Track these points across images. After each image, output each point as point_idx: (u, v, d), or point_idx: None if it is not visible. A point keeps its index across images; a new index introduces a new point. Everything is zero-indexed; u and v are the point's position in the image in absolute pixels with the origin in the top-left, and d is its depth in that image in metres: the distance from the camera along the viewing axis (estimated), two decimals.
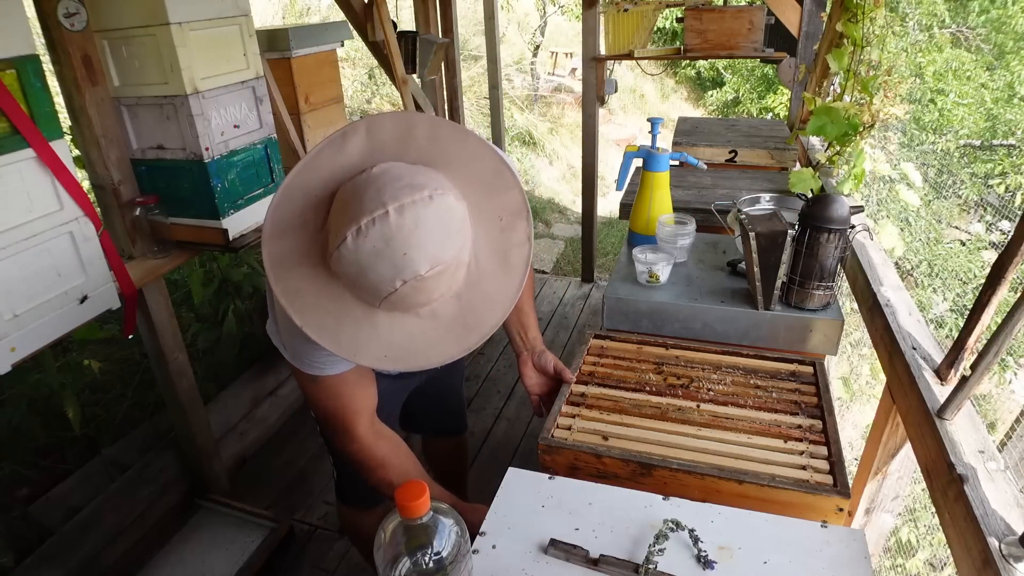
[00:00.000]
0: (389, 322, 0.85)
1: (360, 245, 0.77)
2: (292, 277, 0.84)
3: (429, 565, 0.71)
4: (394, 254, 0.77)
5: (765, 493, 1.02)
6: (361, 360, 0.86)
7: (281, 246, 0.84)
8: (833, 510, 1.00)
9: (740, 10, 3.10)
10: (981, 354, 1.02)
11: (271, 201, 0.86)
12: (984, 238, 6.17)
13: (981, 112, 7.95)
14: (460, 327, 0.87)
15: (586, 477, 1.10)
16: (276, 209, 0.85)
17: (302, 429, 2.74)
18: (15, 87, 1.30)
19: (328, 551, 2.15)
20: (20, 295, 1.37)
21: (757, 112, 11.04)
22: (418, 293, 0.81)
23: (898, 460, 1.40)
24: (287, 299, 0.83)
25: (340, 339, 0.84)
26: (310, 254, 0.84)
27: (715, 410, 1.21)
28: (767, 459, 1.09)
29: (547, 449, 1.13)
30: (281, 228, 0.85)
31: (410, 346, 0.86)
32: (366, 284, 0.80)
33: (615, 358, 1.38)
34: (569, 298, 3.88)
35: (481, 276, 0.87)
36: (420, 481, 0.71)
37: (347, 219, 0.78)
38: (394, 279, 0.78)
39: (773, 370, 1.33)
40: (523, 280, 0.89)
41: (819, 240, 1.45)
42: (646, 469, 1.08)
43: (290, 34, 1.97)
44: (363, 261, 0.78)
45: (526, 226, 0.90)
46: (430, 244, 0.78)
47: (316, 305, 0.84)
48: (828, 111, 1.94)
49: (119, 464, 2.09)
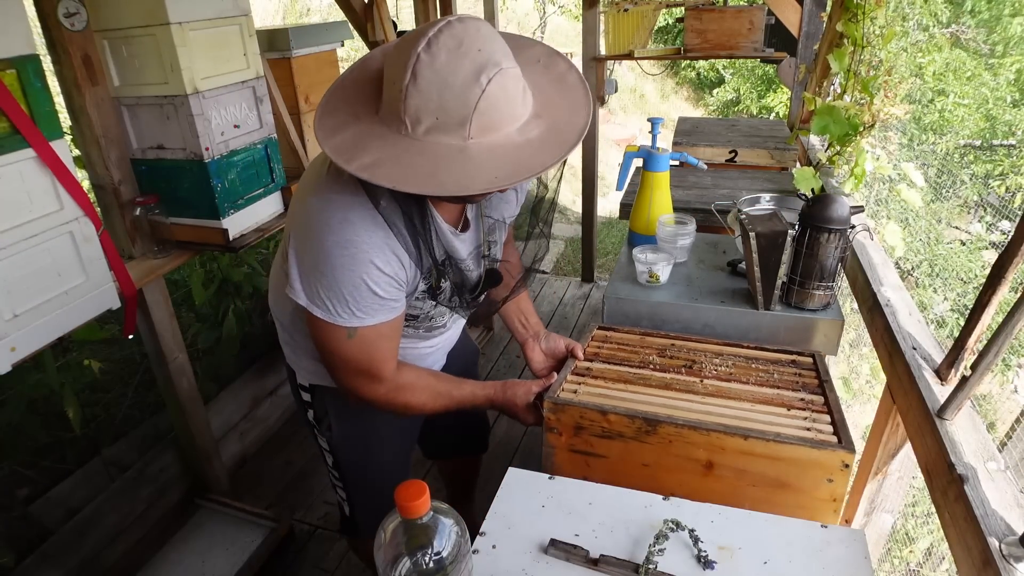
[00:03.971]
0: (487, 152, 0.85)
1: (435, 55, 0.79)
2: (365, 155, 0.85)
3: (429, 565, 0.71)
4: (470, 50, 0.80)
5: (770, 449, 1.02)
6: (474, 188, 0.84)
7: (342, 136, 0.87)
8: (839, 466, 1.00)
9: (740, 10, 3.10)
10: (981, 354, 1.02)
11: (318, 110, 0.91)
12: (984, 238, 6.17)
13: (981, 112, 7.95)
14: (553, 142, 0.87)
15: (590, 437, 1.10)
16: (325, 108, 0.90)
17: (302, 429, 2.73)
18: (15, 87, 1.30)
19: (328, 551, 2.15)
20: (20, 295, 1.37)
21: (757, 112, 11.03)
22: (505, 98, 0.83)
23: (898, 460, 1.40)
24: (369, 173, 0.83)
25: (445, 182, 0.83)
26: (372, 134, 0.87)
27: (718, 384, 1.22)
28: (771, 423, 1.09)
29: (553, 408, 1.13)
30: (334, 123, 0.89)
31: (512, 164, 0.85)
32: (451, 98, 0.81)
33: (619, 344, 1.39)
34: (569, 298, 3.88)
35: (549, 98, 0.91)
36: (420, 481, 0.71)
37: (410, 47, 0.80)
38: (479, 75, 0.80)
39: (774, 358, 1.33)
40: (588, 91, 0.93)
41: (819, 240, 1.45)
42: (651, 426, 1.07)
43: (290, 34, 1.97)
44: (441, 69, 0.80)
45: (563, 59, 0.97)
46: (497, 43, 0.83)
47: (403, 165, 0.84)
48: (830, 111, 1.94)
49: (119, 464, 2.09)
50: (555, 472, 1.12)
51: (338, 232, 0.93)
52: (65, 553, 1.87)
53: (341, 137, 0.87)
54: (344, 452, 1.33)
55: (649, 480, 1.09)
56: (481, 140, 0.84)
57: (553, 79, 0.94)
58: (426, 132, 0.84)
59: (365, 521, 1.41)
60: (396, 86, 0.84)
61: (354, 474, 1.36)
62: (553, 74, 0.95)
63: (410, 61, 0.81)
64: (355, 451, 1.33)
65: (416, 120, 0.84)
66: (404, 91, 0.82)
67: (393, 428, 1.33)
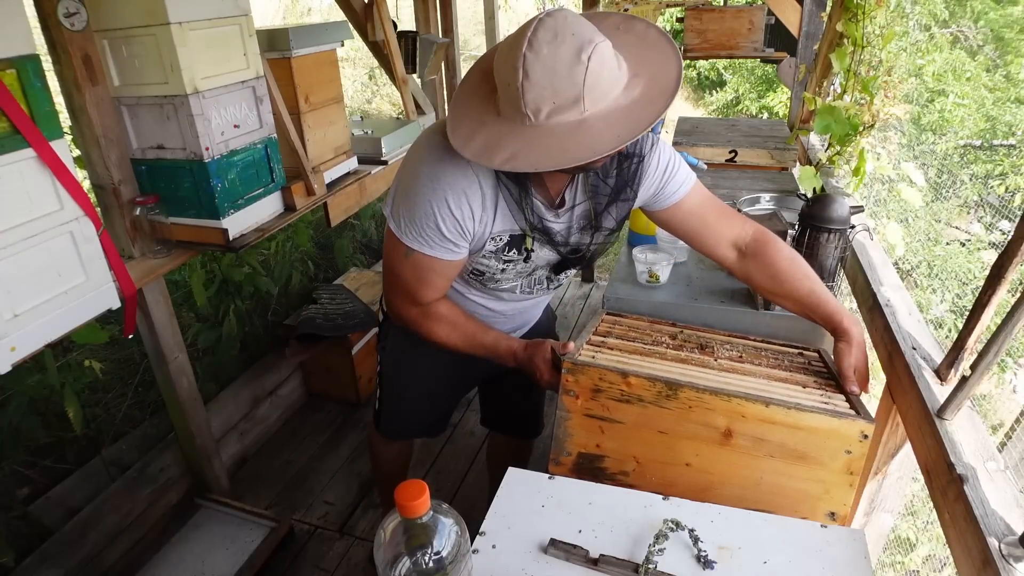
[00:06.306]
0: (603, 119, 0.97)
1: (538, 50, 0.93)
2: (503, 152, 0.98)
3: (429, 565, 0.71)
4: (566, 37, 0.93)
5: (791, 417, 1.01)
6: (603, 150, 0.95)
7: (476, 142, 1.01)
8: (858, 437, 1.00)
9: (740, 10, 3.11)
10: (981, 354, 1.02)
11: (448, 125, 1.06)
12: (984, 239, 6.17)
13: (981, 113, 7.94)
14: (655, 95, 0.98)
15: (608, 400, 1.09)
16: (453, 123, 1.05)
17: (302, 429, 2.74)
18: (15, 87, 1.30)
19: (328, 551, 2.15)
20: (20, 295, 1.37)
21: (757, 112, 11.03)
22: (604, 67, 0.94)
23: (898, 460, 1.40)
24: (512, 164, 0.97)
25: (577, 153, 0.95)
26: (502, 132, 1.00)
27: (732, 364, 1.21)
28: (790, 395, 1.09)
29: (572, 369, 1.10)
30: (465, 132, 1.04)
31: (626, 121, 0.97)
32: (561, 82, 0.93)
33: (629, 327, 1.38)
34: (569, 298, 3.88)
35: (639, 57, 1.02)
36: (420, 481, 0.71)
37: (514, 51, 0.95)
38: (579, 55, 0.92)
39: (781, 350, 1.33)
40: (670, 41, 1.04)
41: (819, 240, 1.45)
42: (672, 390, 1.05)
43: (290, 34, 1.97)
44: (547, 60, 0.93)
45: (638, 20, 1.07)
46: (585, 25, 0.95)
47: (539, 149, 0.97)
48: (831, 111, 1.95)
49: (119, 464, 2.09)
50: (567, 440, 1.11)
51: (431, 166, 1.12)
52: (65, 553, 1.87)
53: (476, 142, 1.01)
54: (387, 366, 1.61)
55: (665, 449, 1.08)
56: (595, 110, 0.96)
57: (636, 39, 1.05)
58: (547, 117, 0.97)
59: (385, 419, 1.69)
60: (512, 87, 0.96)
61: (388, 383, 1.63)
62: (634, 35, 1.05)
63: (519, 62, 0.94)
64: (394, 368, 1.60)
65: (537, 110, 0.96)
66: (520, 88, 0.95)
67: (432, 366, 1.53)
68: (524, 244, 1.22)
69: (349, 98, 6.40)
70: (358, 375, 2.78)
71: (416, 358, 1.55)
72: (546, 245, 1.23)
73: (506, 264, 1.25)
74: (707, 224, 1.32)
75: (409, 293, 1.25)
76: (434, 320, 1.28)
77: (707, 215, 1.32)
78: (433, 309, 1.28)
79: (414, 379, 1.59)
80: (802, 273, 1.26)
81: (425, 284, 1.23)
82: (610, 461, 1.12)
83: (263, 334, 2.71)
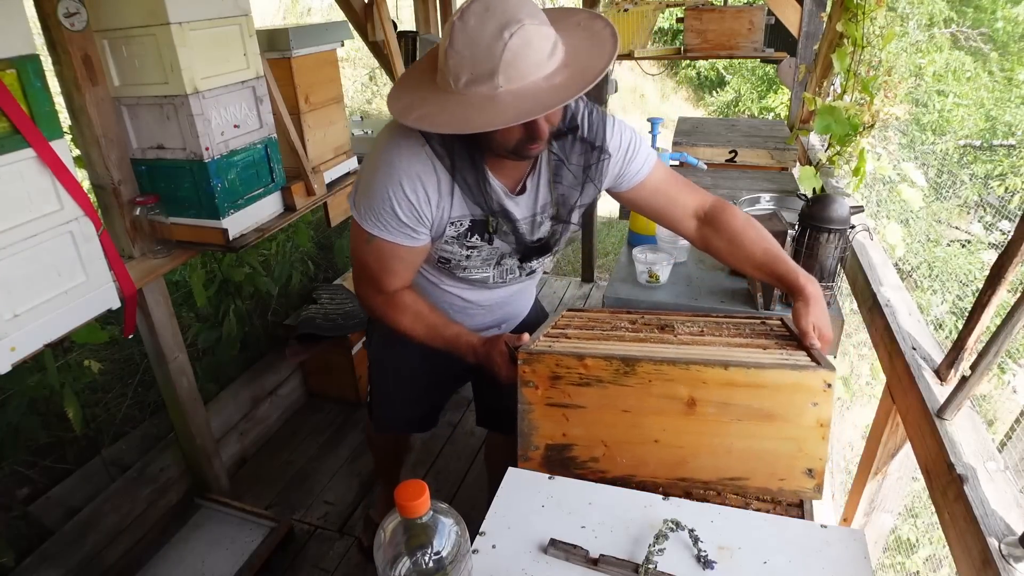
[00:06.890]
0: (513, 96, 0.99)
1: (466, 21, 0.98)
2: (419, 110, 1.04)
3: (429, 565, 0.71)
4: (495, 13, 0.97)
5: (752, 377, 0.99)
6: (498, 124, 0.98)
7: (404, 100, 1.08)
8: (821, 387, 0.97)
9: (740, 10, 3.11)
10: (981, 354, 1.02)
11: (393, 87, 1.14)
12: (984, 239, 6.17)
13: (981, 113, 7.94)
14: (574, 82, 1.00)
15: (567, 386, 1.07)
16: (398, 84, 1.13)
17: (302, 429, 2.74)
18: (15, 87, 1.30)
19: (328, 551, 2.15)
20: (20, 295, 1.37)
21: (757, 112, 11.04)
22: (527, 48, 0.97)
23: (898, 460, 1.40)
24: (417, 122, 1.03)
25: (474, 122, 1.00)
26: (427, 95, 1.06)
27: (693, 339, 1.20)
28: (750, 356, 1.07)
29: (527, 359, 1.08)
30: (399, 92, 1.11)
31: (533, 102, 0.99)
32: (479, 53, 0.97)
33: (589, 319, 1.37)
34: (569, 298, 3.88)
35: (579, 51, 1.05)
36: (420, 481, 0.71)
37: (449, 20, 1.01)
38: (502, 31, 0.96)
39: (744, 321, 1.31)
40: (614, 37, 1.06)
41: (819, 240, 1.45)
42: (629, 366, 1.04)
43: (290, 34, 1.97)
44: (471, 31, 0.97)
45: (601, 18, 1.10)
46: (525, 6, 0.99)
47: (446, 113, 1.02)
48: (831, 111, 1.95)
49: (119, 464, 2.09)
50: (533, 433, 1.10)
51: (387, 153, 1.16)
52: (65, 553, 1.87)
53: (402, 102, 1.08)
54: (373, 359, 1.69)
55: (631, 428, 1.06)
56: (510, 88, 0.99)
57: (587, 35, 1.08)
58: (465, 86, 1.01)
59: (375, 411, 1.75)
60: (441, 52, 1.03)
61: (375, 381, 1.70)
62: (588, 32, 1.08)
63: (448, 30, 1.00)
64: (380, 365, 1.67)
65: (456, 77, 1.01)
66: (444, 54, 1.01)
67: (411, 357, 1.54)
68: (487, 228, 1.23)
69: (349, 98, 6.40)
70: (358, 375, 2.78)
71: (397, 350, 1.55)
72: (510, 232, 1.25)
73: (470, 250, 1.26)
74: (672, 200, 1.34)
75: (373, 280, 1.27)
76: (399, 309, 1.29)
77: (670, 191, 1.34)
78: (398, 298, 1.29)
79: (396, 371, 1.62)
80: (757, 234, 1.29)
81: (388, 271, 1.25)
82: (579, 449, 1.09)
83: (263, 334, 2.71)
